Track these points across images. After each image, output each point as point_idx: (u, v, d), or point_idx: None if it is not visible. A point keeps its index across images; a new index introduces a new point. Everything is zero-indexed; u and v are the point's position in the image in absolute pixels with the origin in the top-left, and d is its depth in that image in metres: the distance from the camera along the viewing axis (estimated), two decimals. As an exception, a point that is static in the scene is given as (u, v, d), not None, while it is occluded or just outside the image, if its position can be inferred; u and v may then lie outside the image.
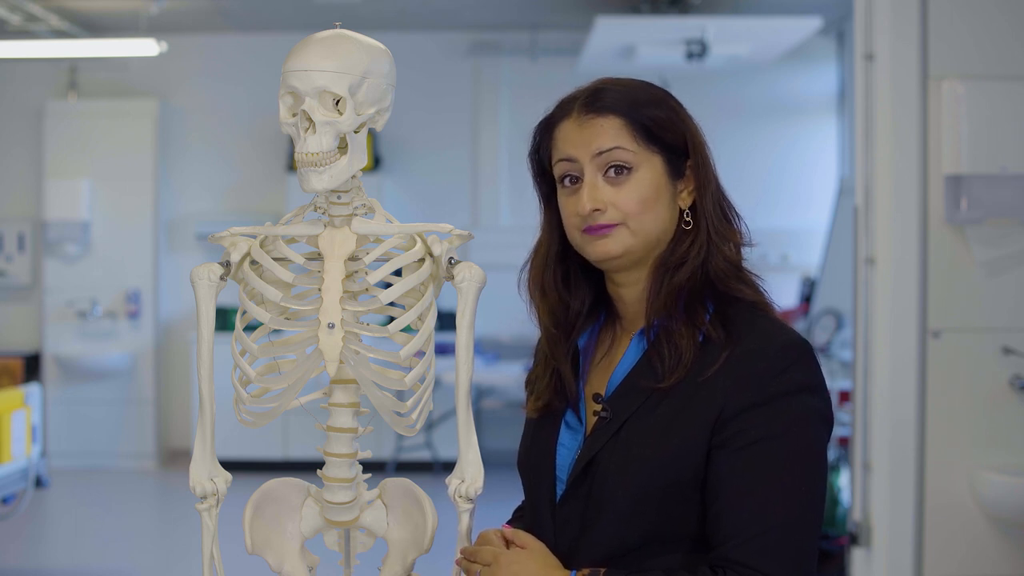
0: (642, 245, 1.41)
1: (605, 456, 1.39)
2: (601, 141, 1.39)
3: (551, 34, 7.26)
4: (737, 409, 1.32)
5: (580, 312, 1.50)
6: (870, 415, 3.28)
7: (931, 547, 3.23)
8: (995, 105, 3.17)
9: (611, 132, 1.40)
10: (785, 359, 1.34)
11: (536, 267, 1.51)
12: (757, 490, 1.31)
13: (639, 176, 1.40)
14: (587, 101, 1.42)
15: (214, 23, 7.18)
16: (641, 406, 1.38)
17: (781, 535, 1.29)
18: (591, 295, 1.50)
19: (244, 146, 7.48)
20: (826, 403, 1.37)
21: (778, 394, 1.32)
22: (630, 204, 1.39)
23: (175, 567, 5.11)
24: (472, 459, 1.47)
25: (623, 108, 1.40)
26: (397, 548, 1.54)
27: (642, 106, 1.41)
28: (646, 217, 1.40)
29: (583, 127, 1.41)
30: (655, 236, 1.42)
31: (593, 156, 1.40)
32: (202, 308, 1.47)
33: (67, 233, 7.17)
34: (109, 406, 7.27)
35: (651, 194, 1.40)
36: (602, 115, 1.40)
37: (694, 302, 1.39)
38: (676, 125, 1.43)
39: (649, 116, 1.41)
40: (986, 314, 3.23)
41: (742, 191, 1.58)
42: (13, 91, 7.45)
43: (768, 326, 1.38)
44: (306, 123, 1.39)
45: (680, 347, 1.36)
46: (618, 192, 1.39)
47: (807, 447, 1.33)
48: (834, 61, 7.35)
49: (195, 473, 1.49)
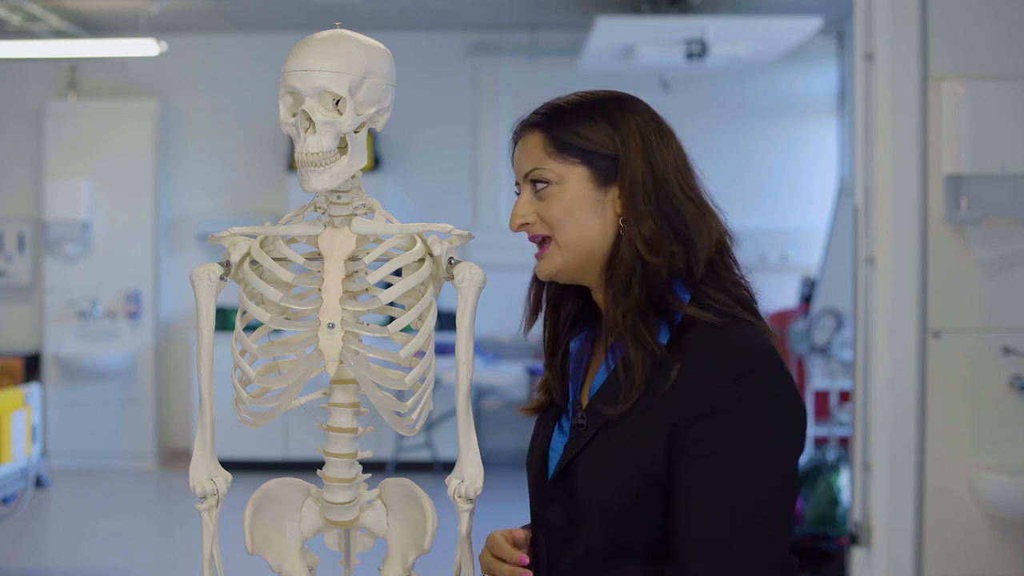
0: (574, 257, 1.42)
1: (577, 465, 1.40)
2: (525, 162, 1.45)
3: (551, 34, 7.26)
4: (691, 419, 1.32)
5: (566, 321, 1.52)
6: (870, 415, 3.28)
7: (931, 547, 3.23)
8: (995, 105, 3.17)
9: (532, 151, 1.44)
10: (742, 365, 1.32)
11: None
12: (709, 501, 1.30)
13: (559, 188, 1.42)
14: (522, 121, 1.48)
15: (214, 23, 7.18)
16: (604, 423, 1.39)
17: (731, 546, 1.29)
18: (579, 303, 1.52)
19: (244, 146, 7.48)
20: (788, 410, 1.34)
21: (730, 404, 1.31)
22: (551, 214, 1.42)
23: (175, 567, 5.11)
24: (472, 459, 1.47)
25: (542, 122, 1.45)
26: (397, 548, 1.54)
27: (561, 118, 1.43)
28: (569, 226, 1.41)
29: (518, 147, 1.48)
30: (584, 245, 1.42)
31: (524, 177, 1.45)
32: (202, 308, 1.47)
33: (67, 233, 7.16)
34: (109, 406, 7.27)
35: (571, 205, 1.42)
36: (528, 132, 1.46)
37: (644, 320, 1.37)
38: (601, 134, 1.41)
39: (568, 129, 1.42)
40: (986, 314, 3.23)
41: (742, 191, 1.59)
42: (13, 91, 7.45)
43: (724, 336, 1.35)
44: (306, 123, 1.39)
45: (633, 368, 1.36)
46: (542, 204, 1.43)
47: (762, 457, 1.31)
48: (834, 61, 7.35)
49: (195, 473, 1.49)
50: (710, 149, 7.32)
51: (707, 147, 7.53)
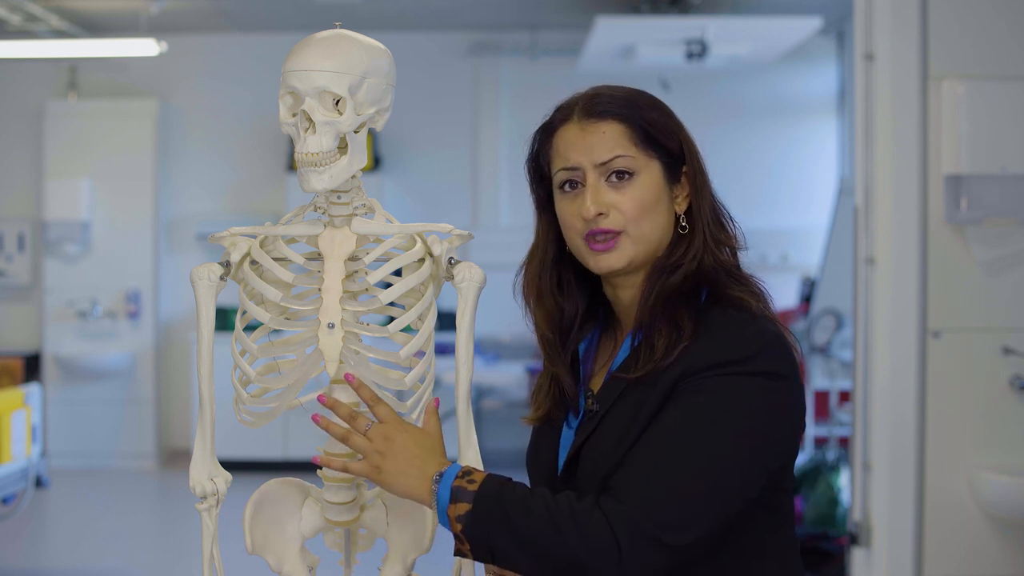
0: (643, 252, 1.41)
1: (586, 448, 1.40)
2: (604, 149, 1.40)
3: (551, 34, 7.26)
4: (695, 369, 1.32)
5: (575, 316, 1.50)
6: (870, 415, 3.28)
7: (931, 547, 3.23)
8: (995, 105, 3.17)
9: (612, 138, 1.40)
10: (752, 347, 1.33)
11: (531, 272, 1.51)
12: (674, 438, 1.29)
13: (640, 181, 1.40)
14: (587, 106, 1.42)
15: (214, 23, 7.18)
16: (618, 397, 1.39)
17: (673, 486, 1.27)
18: (585, 299, 1.50)
19: (244, 146, 7.48)
20: (788, 393, 1.35)
21: (737, 371, 1.31)
22: (631, 208, 1.39)
23: (175, 567, 5.11)
24: (472, 459, 1.47)
25: (624, 112, 1.41)
26: (397, 548, 1.54)
27: (641, 110, 1.42)
28: (645, 222, 1.40)
29: (585, 132, 1.41)
30: (655, 242, 1.42)
31: (596, 165, 1.40)
32: (202, 308, 1.47)
33: (67, 233, 7.16)
34: (109, 406, 7.27)
35: (651, 199, 1.41)
36: (604, 120, 1.41)
37: (679, 304, 1.38)
38: (672, 130, 1.44)
39: (648, 120, 1.42)
40: (986, 314, 3.23)
41: (742, 191, 1.59)
42: (13, 91, 7.44)
43: (742, 318, 1.37)
44: (306, 123, 1.39)
45: (656, 345, 1.36)
46: (620, 196, 1.40)
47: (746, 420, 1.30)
48: (834, 61, 7.35)
49: (195, 473, 1.49)
50: (710, 149, 7.20)
51: (707, 147, 7.45)
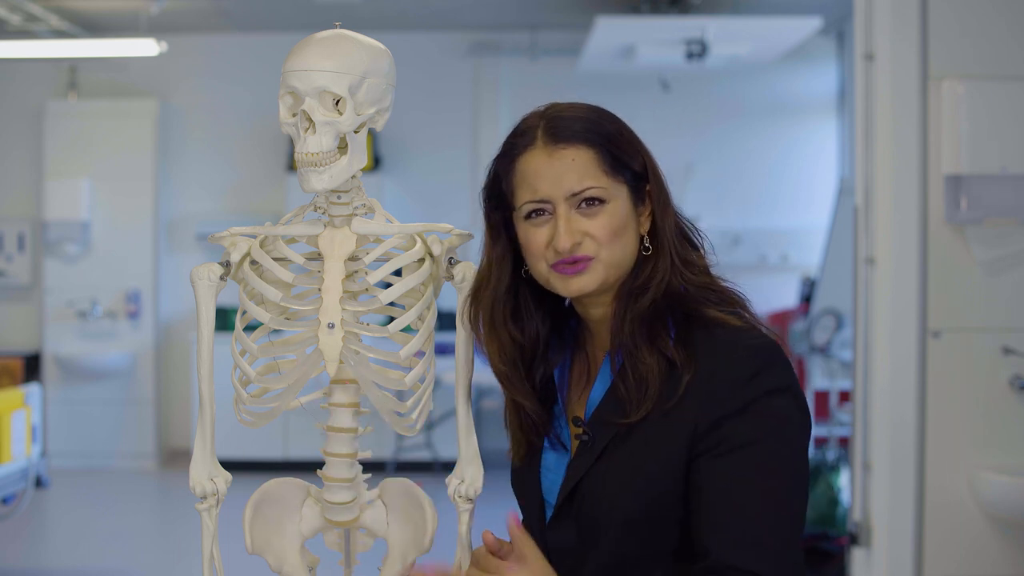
0: (614, 275, 1.38)
1: (588, 481, 1.37)
2: (574, 179, 1.35)
3: (551, 34, 7.26)
4: (714, 420, 1.31)
5: (536, 339, 1.44)
6: (870, 415, 3.28)
7: (931, 547, 3.23)
8: (995, 105, 3.17)
9: (582, 165, 1.35)
10: (754, 364, 1.32)
11: (484, 304, 1.43)
12: (742, 494, 1.29)
13: (610, 208, 1.36)
14: (550, 129, 1.37)
15: (214, 23, 7.18)
16: (616, 435, 1.35)
17: (769, 536, 1.29)
18: (548, 320, 1.45)
19: (244, 146, 7.48)
20: (800, 403, 1.35)
21: (753, 399, 1.31)
22: (604, 234, 1.35)
23: (175, 567, 5.11)
24: (472, 459, 1.47)
25: (589, 135, 1.36)
26: (397, 548, 1.54)
27: (605, 129, 1.38)
28: (616, 246, 1.37)
29: (552, 159, 1.36)
30: (625, 264, 1.39)
31: (567, 196, 1.35)
32: (202, 308, 1.47)
33: (67, 233, 7.16)
34: (109, 406, 7.27)
35: (620, 223, 1.37)
36: (570, 144, 1.36)
37: (656, 325, 1.36)
38: (636, 147, 1.40)
39: (613, 141, 1.38)
40: (986, 314, 3.23)
41: (742, 191, 1.59)
42: (13, 91, 7.44)
43: (730, 336, 1.34)
44: (306, 123, 1.39)
45: (646, 378, 1.33)
46: (592, 223, 1.35)
47: (786, 448, 1.32)
48: (834, 61, 7.35)
49: (195, 473, 1.49)
50: (710, 149, 7.32)
51: (707, 147, 7.53)
